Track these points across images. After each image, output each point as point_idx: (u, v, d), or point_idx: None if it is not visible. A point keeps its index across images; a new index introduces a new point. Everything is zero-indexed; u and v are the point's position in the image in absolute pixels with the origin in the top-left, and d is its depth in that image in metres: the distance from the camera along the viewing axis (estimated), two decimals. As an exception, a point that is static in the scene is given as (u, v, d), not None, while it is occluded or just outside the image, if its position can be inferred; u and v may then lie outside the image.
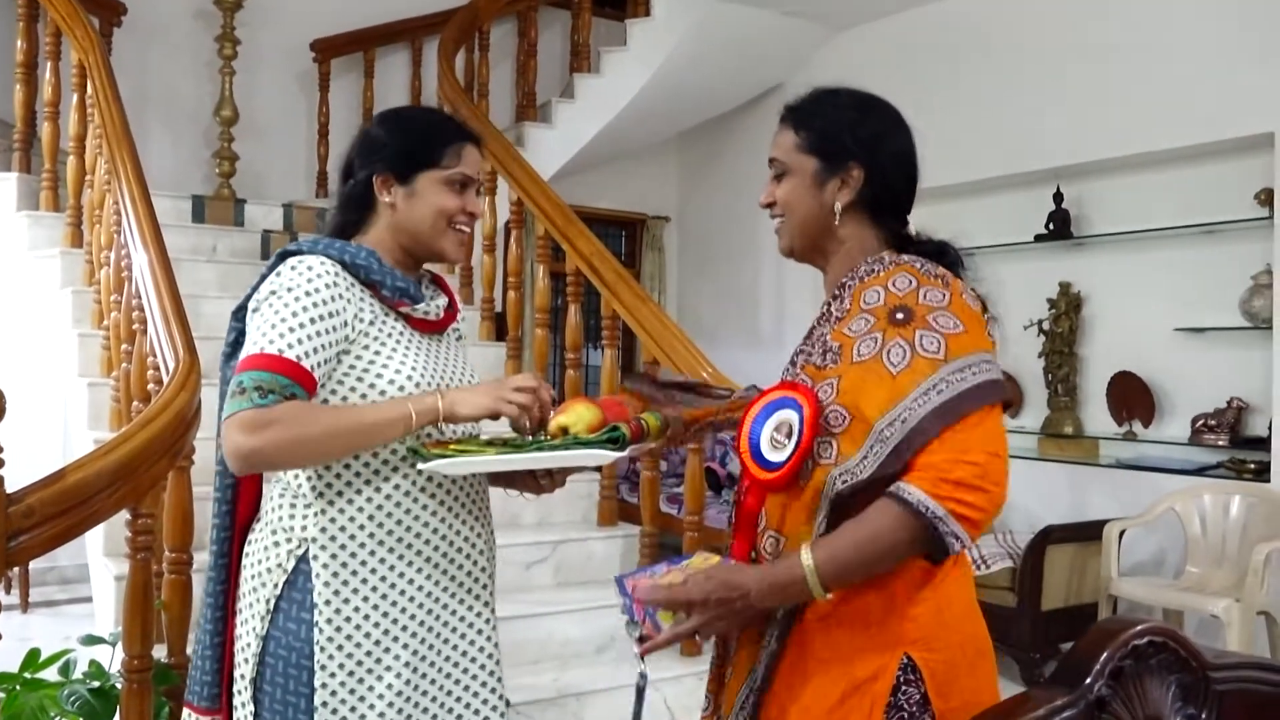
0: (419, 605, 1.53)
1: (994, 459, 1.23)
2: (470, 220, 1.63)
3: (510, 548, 3.46)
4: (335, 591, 1.49)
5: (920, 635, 1.28)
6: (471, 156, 1.62)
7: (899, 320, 1.29)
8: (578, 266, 3.89)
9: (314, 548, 1.50)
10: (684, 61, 5.41)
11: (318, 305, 1.46)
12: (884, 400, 1.24)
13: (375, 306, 1.55)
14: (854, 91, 1.47)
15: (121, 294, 3.24)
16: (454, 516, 1.58)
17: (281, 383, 1.39)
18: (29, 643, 2.41)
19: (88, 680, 2.19)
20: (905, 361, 1.25)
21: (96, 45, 3.83)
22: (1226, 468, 4.17)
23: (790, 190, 1.44)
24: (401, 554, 1.52)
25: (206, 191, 5.32)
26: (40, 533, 1.83)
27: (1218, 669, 0.99)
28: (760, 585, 1.25)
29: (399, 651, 1.51)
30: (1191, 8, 4.29)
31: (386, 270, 1.55)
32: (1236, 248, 4.28)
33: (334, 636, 1.48)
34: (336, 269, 1.51)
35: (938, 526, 1.19)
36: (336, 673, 1.48)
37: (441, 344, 1.66)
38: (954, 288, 1.33)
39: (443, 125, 1.63)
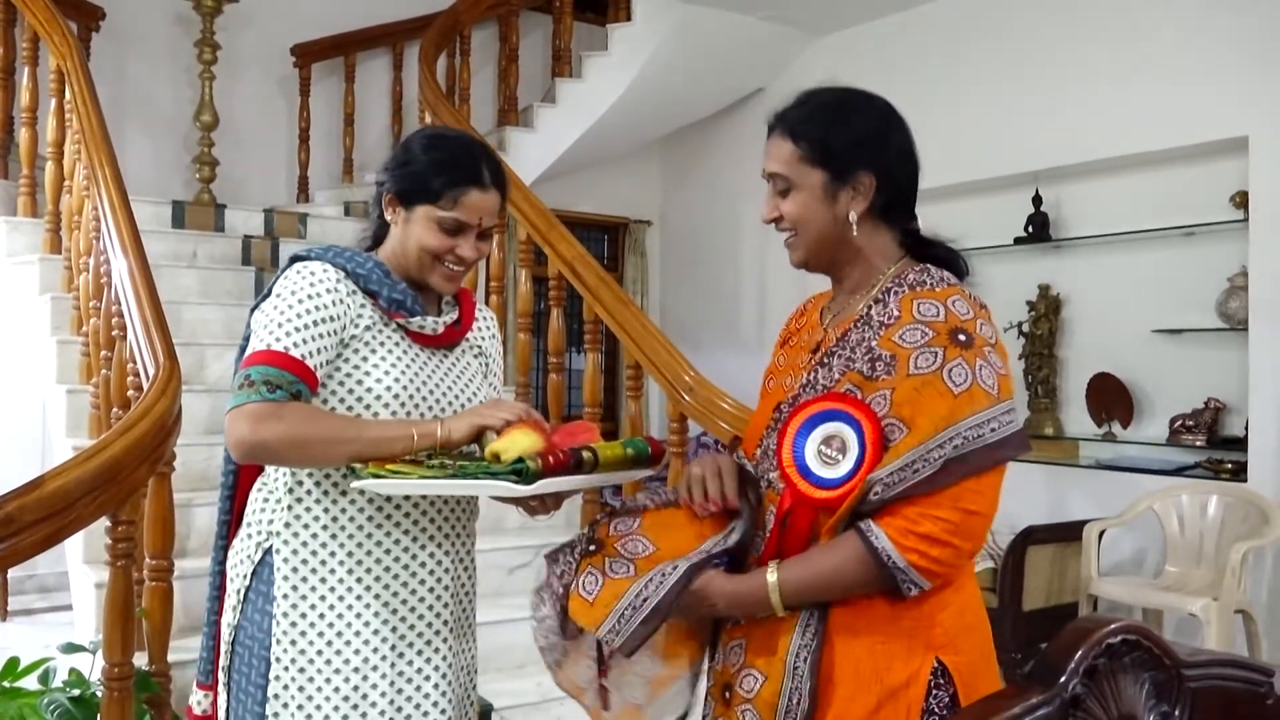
0: (374, 613, 1.54)
1: (972, 516, 1.23)
2: (461, 262, 1.60)
3: (493, 552, 3.46)
4: (294, 586, 1.53)
5: (948, 639, 1.29)
6: (474, 202, 1.57)
7: (961, 342, 1.26)
8: (560, 270, 3.90)
9: (277, 541, 1.55)
10: (665, 66, 5.43)
11: (319, 309, 1.51)
12: (942, 416, 1.23)
13: (374, 315, 1.58)
14: (842, 90, 1.44)
15: (101, 300, 3.22)
16: (417, 528, 1.58)
17: (288, 379, 1.45)
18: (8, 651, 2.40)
19: (68, 688, 2.18)
20: (966, 384, 1.24)
21: (75, 50, 3.81)
22: (1204, 468, 4.21)
23: (800, 206, 1.39)
24: (360, 559, 1.54)
25: (186, 197, 5.30)
26: (20, 540, 1.81)
27: (1191, 666, 1.00)
28: (728, 601, 1.32)
29: (349, 655, 1.53)
30: (1167, 13, 4.33)
31: (386, 281, 1.58)
32: (1212, 250, 4.32)
33: (289, 631, 1.53)
34: (339, 275, 1.56)
35: (895, 575, 1.22)
36: (289, 667, 1.52)
37: (450, 358, 1.66)
38: (995, 324, 1.34)
39: (454, 164, 1.58)
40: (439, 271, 1.60)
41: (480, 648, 3.23)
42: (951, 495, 1.21)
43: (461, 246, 1.58)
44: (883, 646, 1.27)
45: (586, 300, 3.77)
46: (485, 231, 1.61)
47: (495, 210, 1.61)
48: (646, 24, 5.41)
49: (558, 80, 5.73)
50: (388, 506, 1.56)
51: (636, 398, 3.65)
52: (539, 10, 6.37)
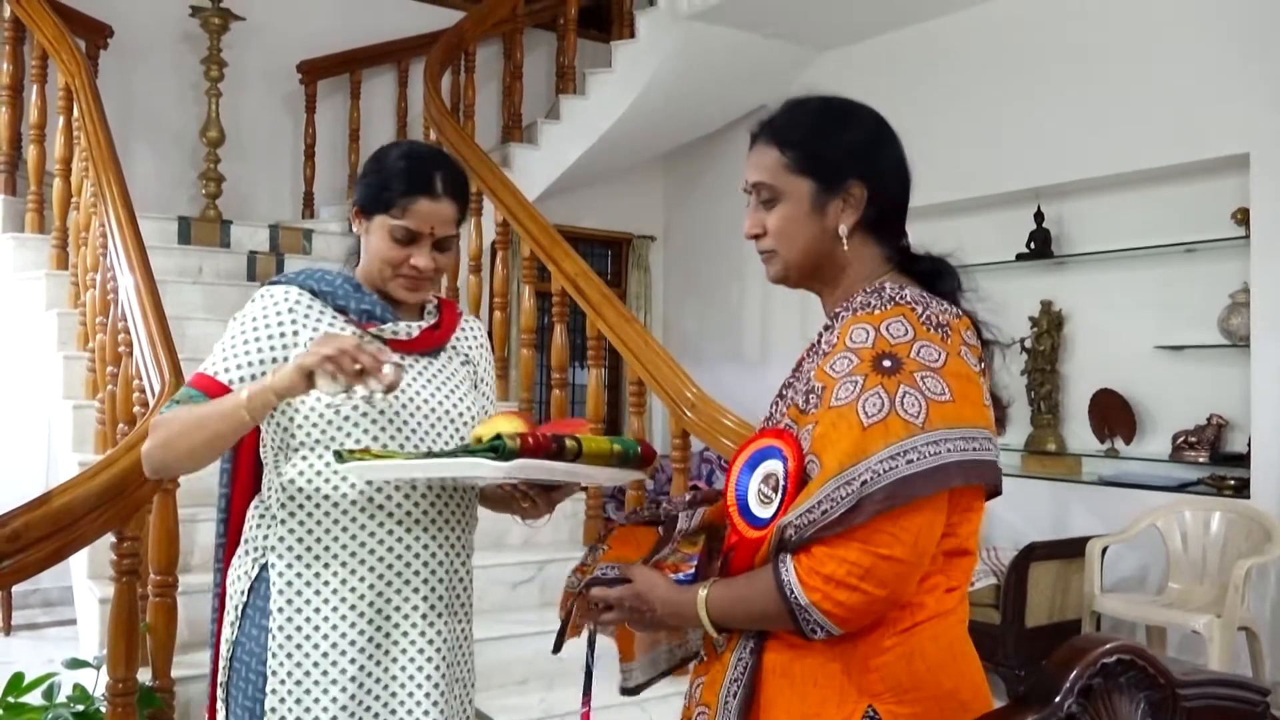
0: (368, 621, 1.55)
1: (884, 561, 1.11)
2: (419, 272, 1.60)
3: (496, 568, 3.47)
4: (289, 600, 1.55)
5: (886, 687, 1.18)
6: (421, 212, 1.58)
7: (885, 368, 1.16)
8: (563, 287, 3.91)
9: (272, 556, 1.57)
10: (668, 83, 5.46)
11: (255, 329, 1.57)
12: (847, 453, 1.13)
13: (346, 328, 1.60)
14: (831, 99, 1.36)
15: (107, 316, 3.24)
16: (410, 535, 1.58)
17: (195, 395, 1.52)
18: (12, 665, 2.41)
19: (72, 704, 2.19)
20: (880, 415, 1.13)
21: (83, 68, 3.85)
22: (1207, 484, 4.21)
23: (785, 218, 1.30)
24: (354, 568, 1.55)
25: (192, 213, 5.33)
26: (27, 556, 1.84)
27: (1186, 686, 1.01)
28: (665, 608, 1.29)
29: (345, 665, 1.54)
30: (1168, 30, 4.36)
31: (353, 295, 1.61)
32: (1214, 266, 4.33)
33: (284, 645, 1.54)
34: (302, 297, 1.60)
35: (796, 614, 1.14)
36: (285, 680, 1.54)
37: (434, 365, 1.67)
38: (952, 345, 1.20)
39: (405, 173, 1.59)
40: (397, 282, 1.61)
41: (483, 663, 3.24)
42: (862, 536, 1.11)
43: (416, 256, 1.59)
44: (815, 690, 1.19)
45: (590, 316, 3.79)
46: (442, 242, 1.61)
47: (448, 220, 1.60)
48: (650, 41, 5.44)
49: (562, 97, 5.76)
50: (379, 514, 1.56)
51: (639, 413, 3.67)
52: (543, 28, 6.41)
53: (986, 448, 1.18)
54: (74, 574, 3.26)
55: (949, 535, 1.21)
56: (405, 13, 6.33)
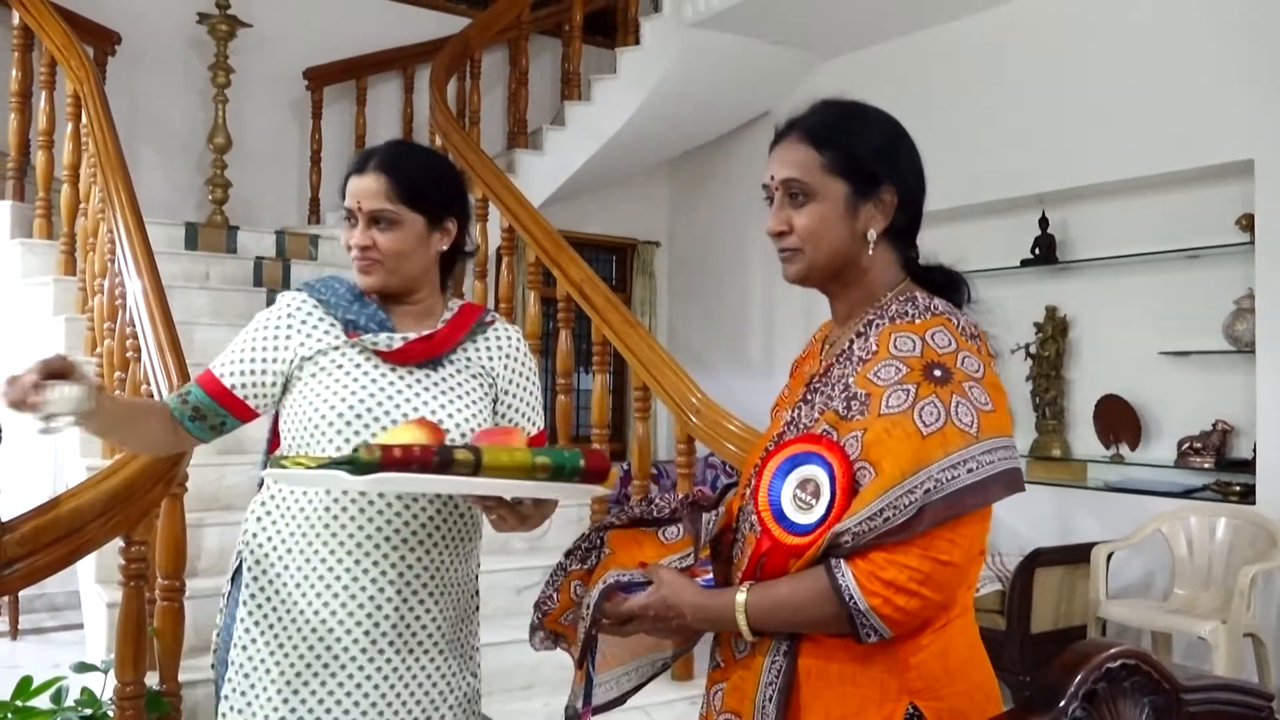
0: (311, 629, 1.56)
1: (944, 567, 1.14)
2: (360, 253, 1.62)
3: (501, 573, 3.47)
4: (252, 595, 1.61)
5: (925, 684, 1.20)
6: (354, 189, 1.62)
7: (936, 378, 1.18)
8: (568, 292, 3.92)
9: (245, 550, 1.64)
10: (673, 89, 5.48)
11: (257, 334, 1.65)
12: (909, 460, 1.14)
13: (340, 336, 1.63)
14: (861, 103, 1.38)
15: (115, 322, 3.26)
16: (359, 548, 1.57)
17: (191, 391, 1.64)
18: (18, 670, 2.42)
19: (80, 708, 2.20)
20: (938, 424, 1.15)
21: (91, 75, 3.87)
22: (1212, 490, 4.21)
23: (817, 218, 1.29)
24: (307, 574, 1.58)
25: (199, 218, 5.35)
26: (34, 560, 1.84)
27: (1190, 691, 1.01)
28: (696, 613, 1.27)
29: (285, 668, 1.57)
30: (1173, 36, 4.36)
31: (348, 305, 1.64)
32: (1219, 272, 4.33)
33: (242, 637, 1.60)
34: (305, 304, 1.66)
35: (855, 618, 1.15)
36: (238, 670, 1.59)
37: (434, 376, 1.63)
38: (985, 356, 1.24)
39: (354, 159, 1.67)
40: (355, 266, 1.64)
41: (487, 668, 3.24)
42: (922, 543, 1.13)
43: (355, 235, 1.62)
44: (854, 690, 1.21)
45: (595, 322, 3.79)
46: (375, 217, 1.61)
47: (375, 193, 1.60)
48: (655, 47, 5.46)
49: (567, 103, 5.78)
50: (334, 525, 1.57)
51: (644, 419, 3.67)
52: (548, 34, 6.44)
53: (1017, 456, 1.22)
54: (81, 578, 3.27)
55: None
56: (411, 19, 6.36)
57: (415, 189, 1.62)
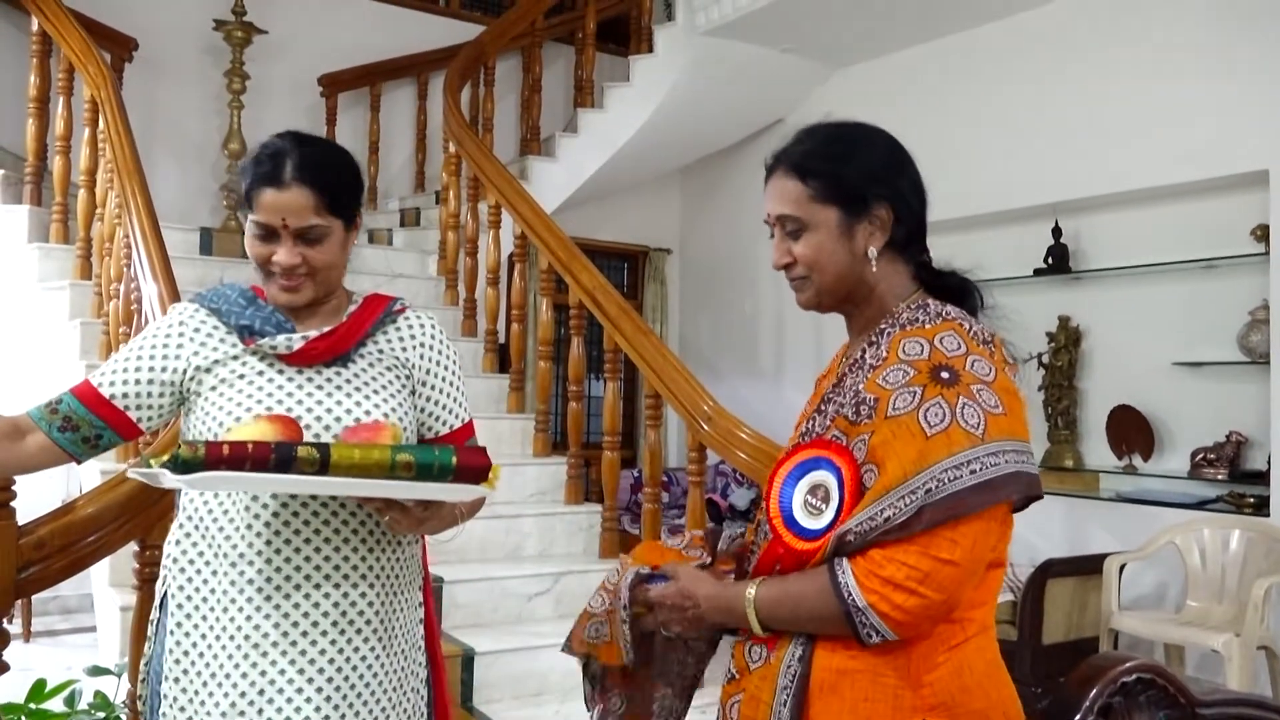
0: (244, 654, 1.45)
1: (944, 566, 1.13)
2: (287, 270, 1.49)
3: (512, 579, 3.48)
4: (179, 624, 1.50)
5: (939, 701, 1.19)
6: (268, 203, 1.47)
7: (943, 380, 1.19)
8: (581, 299, 3.93)
9: (169, 575, 1.53)
10: (686, 97, 5.49)
11: (144, 348, 1.55)
12: (912, 460, 1.15)
13: (235, 344, 1.54)
14: (843, 124, 1.36)
15: (131, 326, 3.27)
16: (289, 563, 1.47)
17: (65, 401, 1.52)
18: (32, 672, 2.43)
19: (93, 711, 2.21)
20: (943, 425, 1.16)
21: (109, 81, 3.90)
22: (1226, 501, 4.18)
23: (815, 247, 1.31)
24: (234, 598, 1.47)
25: (214, 224, 5.38)
26: (50, 564, 1.86)
27: (1206, 705, 1.01)
28: (710, 602, 1.30)
29: (220, 699, 1.45)
30: (1188, 47, 4.35)
31: (240, 311, 1.54)
32: (1233, 283, 4.32)
33: (172, 669, 1.50)
34: (196, 314, 1.57)
35: (853, 615, 1.15)
36: (174, 705, 1.49)
37: (344, 374, 1.54)
38: (998, 360, 1.24)
39: (253, 164, 1.50)
40: (272, 282, 1.52)
41: (498, 675, 3.26)
42: (922, 542, 1.13)
43: (278, 252, 1.48)
44: (865, 705, 1.20)
45: (607, 329, 3.80)
46: (305, 233, 1.48)
47: (301, 209, 1.47)
48: (668, 55, 5.47)
49: (580, 110, 5.80)
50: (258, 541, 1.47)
51: (656, 426, 3.67)
52: (562, 41, 6.46)
53: (1032, 462, 1.21)
54: (95, 582, 3.28)
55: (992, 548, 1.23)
56: (425, 26, 6.39)
57: (338, 196, 1.52)
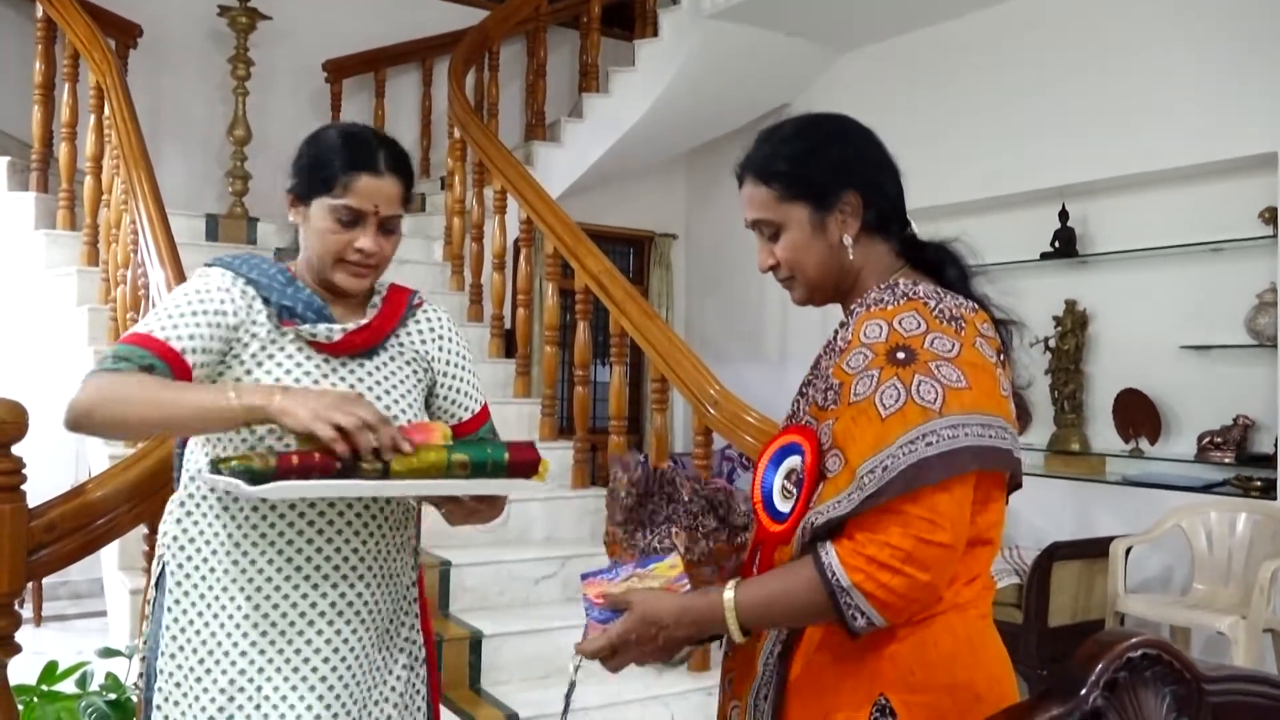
0: (244, 633, 1.47)
1: (926, 545, 1.13)
2: (364, 258, 1.51)
3: (518, 563, 3.50)
4: (176, 601, 1.50)
5: (899, 675, 1.19)
6: (364, 189, 1.48)
7: (899, 360, 1.18)
8: (586, 284, 3.93)
9: (168, 554, 1.53)
10: (691, 81, 5.47)
11: (201, 302, 1.47)
12: (869, 445, 1.15)
13: (271, 324, 1.51)
14: (800, 118, 1.38)
15: (138, 312, 3.29)
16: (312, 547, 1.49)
17: (139, 353, 1.40)
18: (42, 656, 2.45)
19: (104, 692, 2.22)
20: (898, 405, 1.16)
21: (114, 68, 3.90)
22: (1233, 485, 4.18)
23: (790, 246, 1.33)
24: (235, 577, 1.48)
25: (220, 210, 5.39)
26: (60, 547, 1.87)
27: (1212, 681, 1.00)
28: (679, 619, 1.25)
29: (218, 675, 1.46)
30: (1195, 28, 4.32)
31: (283, 290, 1.52)
32: (1241, 266, 4.30)
33: (169, 645, 1.50)
34: (235, 280, 1.52)
35: (839, 597, 1.14)
36: (167, 681, 1.49)
37: (367, 366, 1.55)
38: (966, 336, 1.22)
39: (343, 149, 1.50)
40: (343, 269, 1.51)
41: (505, 658, 3.27)
42: (901, 521, 1.13)
43: (360, 239, 1.49)
44: (830, 678, 1.22)
45: (613, 314, 3.81)
46: (386, 223, 1.52)
47: (394, 199, 1.51)
48: (673, 40, 5.45)
49: (585, 95, 5.78)
50: (271, 515, 1.47)
51: (662, 410, 3.68)
52: (567, 26, 6.44)
53: (1003, 437, 1.20)
54: (104, 566, 3.30)
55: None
56: (429, 11, 6.37)
57: (410, 190, 1.56)
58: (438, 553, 3.33)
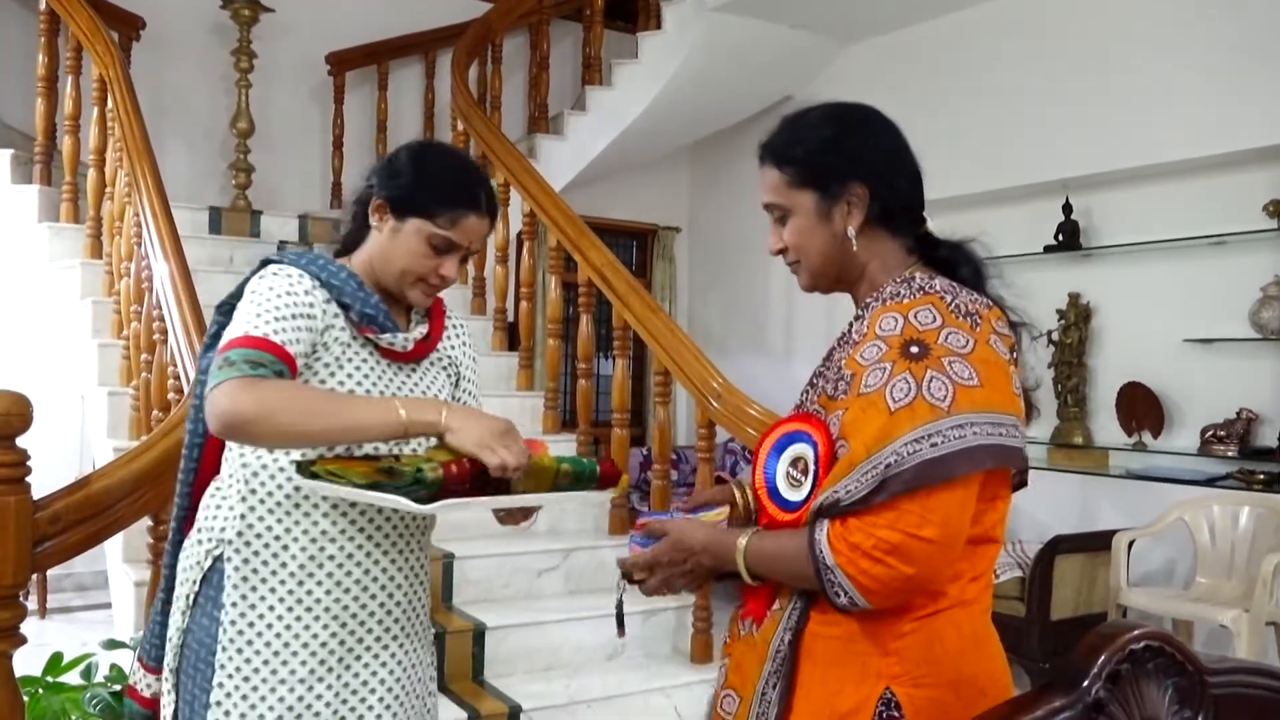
0: (323, 625, 1.52)
1: (913, 540, 1.14)
2: (442, 282, 1.58)
3: (521, 555, 3.50)
4: (243, 596, 1.51)
5: (904, 670, 1.21)
6: (469, 227, 1.56)
7: (912, 354, 1.19)
8: (589, 277, 3.93)
9: (229, 550, 1.52)
10: (694, 73, 5.46)
11: (295, 304, 1.49)
12: (874, 437, 1.16)
13: (346, 327, 1.55)
14: (825, 106, 1.38)
15: (142, 305, 3.29)
16: (371, 543, 1.56)
17: (269, 358, 1.42)
18: (47, 647, 2.46)
19: (109, 684, 2.23)
20: (907, 400, 1.16)
21: (117, 60, 3.90)
22: (1236, 478, 4.18)
23: (796, 231, 1.35)
24: (311, 572, 1.52)
25: (223, 203, 5.39)
26: (65, 538, 1.87)
27: (1215, 673, 1.01)
28: (706, 548, 1.31)
29: (295, 666, 1.50)
30: (1200, 21, 4.31)
31: (360, 295, 1.55)
32: (1245, 259, 4.29)
33: (235, 639, 1.50)
34: (314, 282, 1.53)
35: (821, 573, 1.18)
36: (234, 674, 1.50)
37: (417, 373, 1.63)
38: (982, 332, 1.22)
39: (458, 185, 1.56)
40: (420, 288, 1.58)
41: (509, 650, 3.28)
42: (890, 516, 1.14)
43: (445, 266, 1.56)
44: (836, 671, 1.23)
45: (616, 307, 3.80)
46: (467, 255, 1.60)
47: (484, 236, 1.61)
48: (676, 32, 5.44)
49: (588, 88, 5.78)
50: (342, 520, 1.53)
51: (665, 403, 3.68)
52: (570, 19, 6.43)
53: (1014, 434, 1.20)
54: (109, 558, 3.31)
55: (973, 523, 1.22)
56: (432, 4, 6.36)
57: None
58: (441, 545, 3.34)
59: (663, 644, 3.42)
